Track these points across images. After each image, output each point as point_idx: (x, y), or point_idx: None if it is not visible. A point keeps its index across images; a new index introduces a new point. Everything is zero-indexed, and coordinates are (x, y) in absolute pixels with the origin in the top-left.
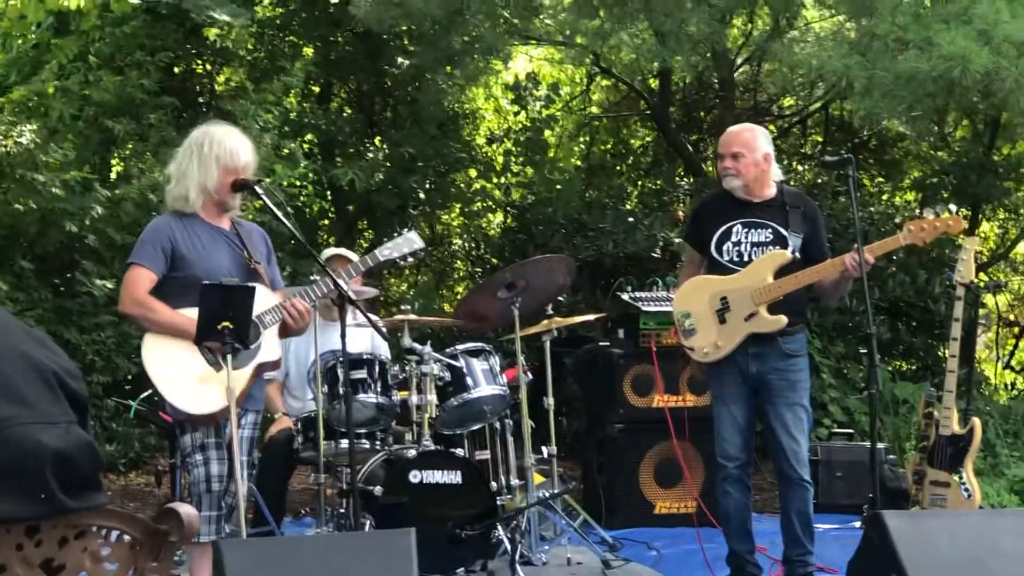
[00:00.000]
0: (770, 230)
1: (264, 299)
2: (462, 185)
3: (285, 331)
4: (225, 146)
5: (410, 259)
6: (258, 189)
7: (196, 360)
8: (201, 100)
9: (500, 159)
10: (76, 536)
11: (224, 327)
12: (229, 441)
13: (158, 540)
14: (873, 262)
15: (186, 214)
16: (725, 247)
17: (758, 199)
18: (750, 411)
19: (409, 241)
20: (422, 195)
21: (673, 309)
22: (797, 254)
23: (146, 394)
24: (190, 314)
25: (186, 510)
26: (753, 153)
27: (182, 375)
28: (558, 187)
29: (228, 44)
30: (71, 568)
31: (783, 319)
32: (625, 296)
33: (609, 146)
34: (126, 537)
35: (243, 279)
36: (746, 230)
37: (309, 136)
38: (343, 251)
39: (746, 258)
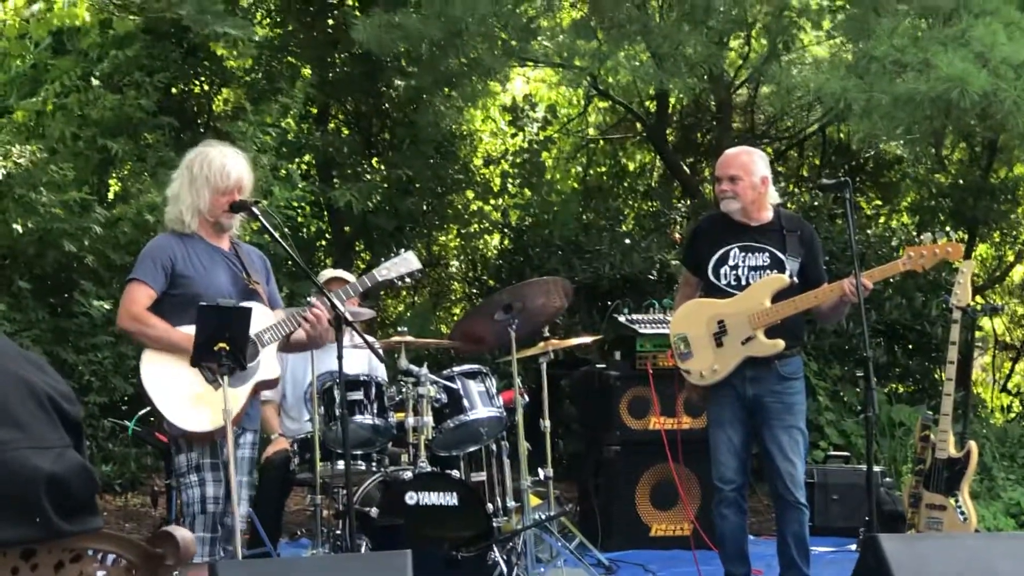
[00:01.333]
0: (767, 254)
1: (262, 317)
2: (459, 207)
3: (294, 345)
4: (215, 166)
5: (407, 280)
6: (255, 210)
7: (194, 377)
8: (199, 121)
9: (497, 181)
10: (72, 560)
11: (221, 348)
12: (226, 461)
13: (154, 564)
14: (871, 287)
15: (186, 234)
16: (722, 271)
17: (755, 222)
18: (746, 434)
19: (406, 262)
20: (419, 216)
21: (670, 332)
22: (795, 278)
23: (143, 412)
24: (188, 331)
25: (182, 533)
26: (751, 176)
27: (179, 392)
28: (555, 209)
29: (233, 61)
30: None
31: (781, 343)
32: (622, 318)
33: (606, 168)
34: (122, 561)
35: (241, 299)
36: (743, 254)
37: (307, 157)
38: (340, 273)
39: (743, 282)
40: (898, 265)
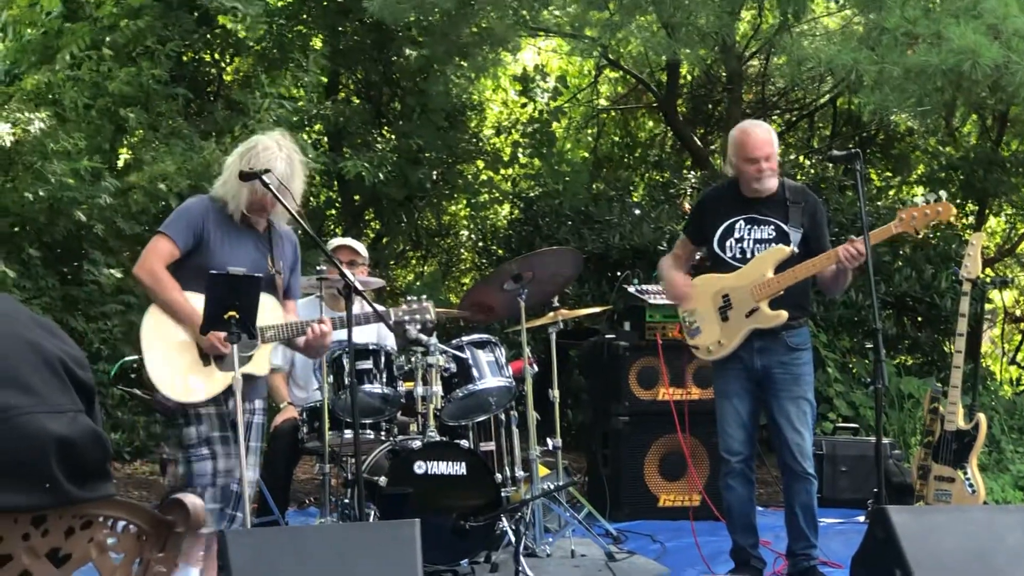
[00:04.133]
0: (772, 226)
1: (271, 312)
2: (469, 176)
3: (301, 350)
4: (260, 163)
5: (418, 327)
6: (265, 179)
7: (189, 348)
8: (210, 90)
9: (507, 151)
10: (82, 526)
11: (230, 316)
12: (232, 434)
13: (164, 531)
14: (863, 252)
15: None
16: (728, 243)
17: (763, 195)
18: (754, 406)
19: (423, 310)
20: (429, 186)
21: (678, 308)
22: (796, 248)
23: (131, 358)
24: (196, 301)
25: (192, 500)
26: (776, 153)
27: (170, 358)
28: (565, 179)
29: (240, 32)
30: (77, 558)
31: (783, 314)
32: (631, 289)
33: (616, 138)
34: (132, 527)
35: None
36: (749, 226)
37: (317, 127)
38: (349, 241)
39: (748, 255)
40: (891, 228)
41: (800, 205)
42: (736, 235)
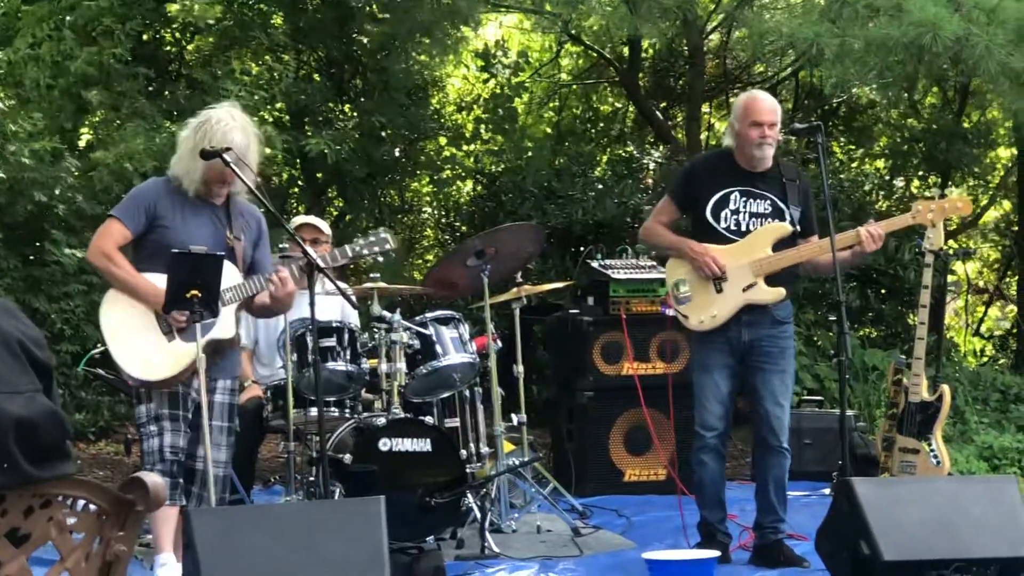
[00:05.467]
0: (768, 202)
1: (229, 276)
2: (432, 153)
3: (265, 310)
4: (216, 138)
5: (379, 258)
6: (227, 157)
7: (150, 326)
8: (172, 69)
9: (470, 127)
10: (42, 506)
11: (193, 295)
12: (195, 410)
13: (124, 509)
14: (882, 235)
15: (182, 186)
16: (723, 214)
17: (759, 168)
18: (734, 381)
19: (382, 240)
20: (392, 163)
21: (667, 275)
22: (797, 227)
23: (98, 351)
24: (153, 279)
25: (152, 479)
26: (779, 126)
27: (133, 338)
28: (528, 155)
29: (194, 14)
30: (37, 538)
31: (782, 291)
32: (595, 263)
33: (579, 113)
34: (92, 507)
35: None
36: (744, 199)
37: (279, 105)
38: (312, 219)
39: (744, 228)
40: (907, 218)
41: (795, 183)
42: (731, 206)
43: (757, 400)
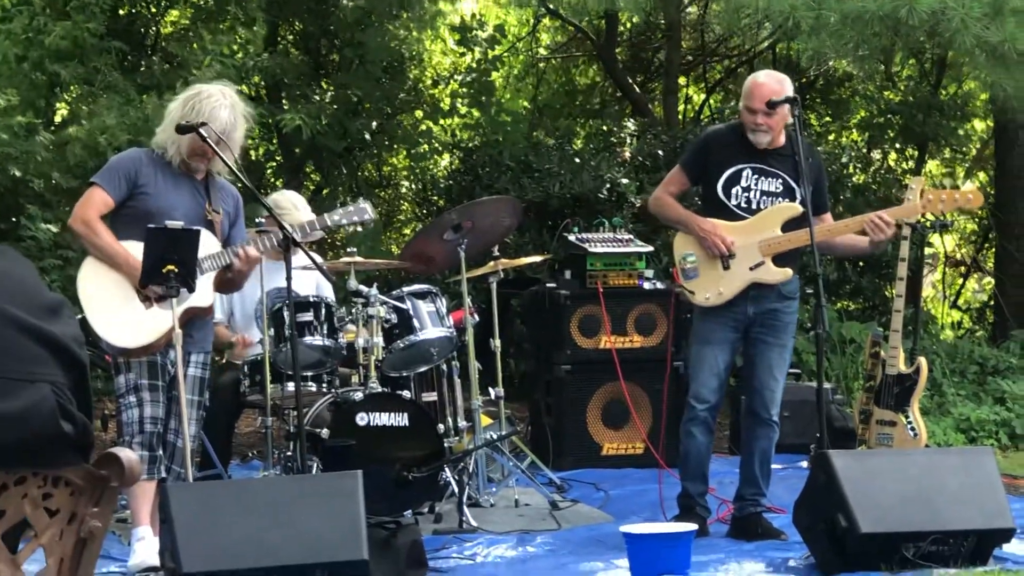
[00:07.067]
0: (780, 180)
1: (207, 245)
2: (408, 127)
3: (227, 284)
4: (204, 113)
5: (359, 228)
6: (202, 132)
7: (127, 293)
8: (147, 43)
9: (447, 101)
10: (16, 482)
11: (169, 271)
12: (171, 382)
13: (99, 485)
14: (891, 224)
15: (163, 157)
16: (734, 191)
17: (770, 146)
18: (732, 356)
19: (361, 211)
20: (368, 137)
21: (674, 249)
22: (808, 207)
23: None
24: (132, 248)
25: (127, 455)
26: (777, 114)
27: (110, 305)
28: (505, 129)
29: None
30: (11, 514)
31: (789, 272)
32: (572, 237)
33: (556, 87)
34: (66, 483)
35: (195, 224)
36: (756, 176)
37: (256, 79)
38: (289, 194)
39: (754, 206)
40: (917, 207)
41: (808, 161)
42: (743, 183)
43: (752, 372)
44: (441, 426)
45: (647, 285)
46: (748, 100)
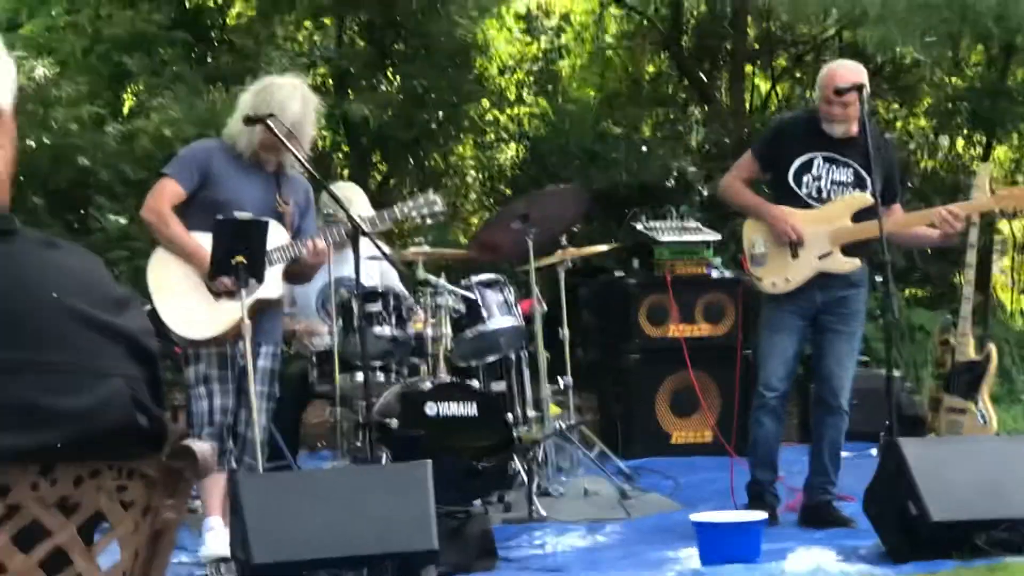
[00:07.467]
0: (851, 170)
1: (278, 237)
2: (475, 117)
3: (295, 276)
4: (274, 106)
5: (428, 220)
6: (269, 123)
7: (197, 285)
8: (214, 35)
9: (513, 90)
10: (91, 475)
11: (238, 262)
12: (241, 374)
13: (173, 477)
14: (961, 218)
15: (236, 147)
16: (805, 179)
17: (845, 136)
18: (801, 344)
19: (431, 203)
20: (435, 127)
21: (744, 235)
22: (878, 198)
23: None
24: (203, 240)
25: (200, 447)
26: (857, 103)
27: (179, 297)
28: (575, 118)
29: None
30: (86, 506)
31: (857, 262)
32: (639, 226)
33: (621, 76)
34: (141, 475)
35: (265, 215)
36: (827, 165)
37: (321, 70)
38: (350, 185)
39: (825, 195)
40: (990, 202)
41: (880, 152)
42: (814, 172)
43: (821, 360)
44: (510, 415)
45: (715, 274)
46: (823, 89)
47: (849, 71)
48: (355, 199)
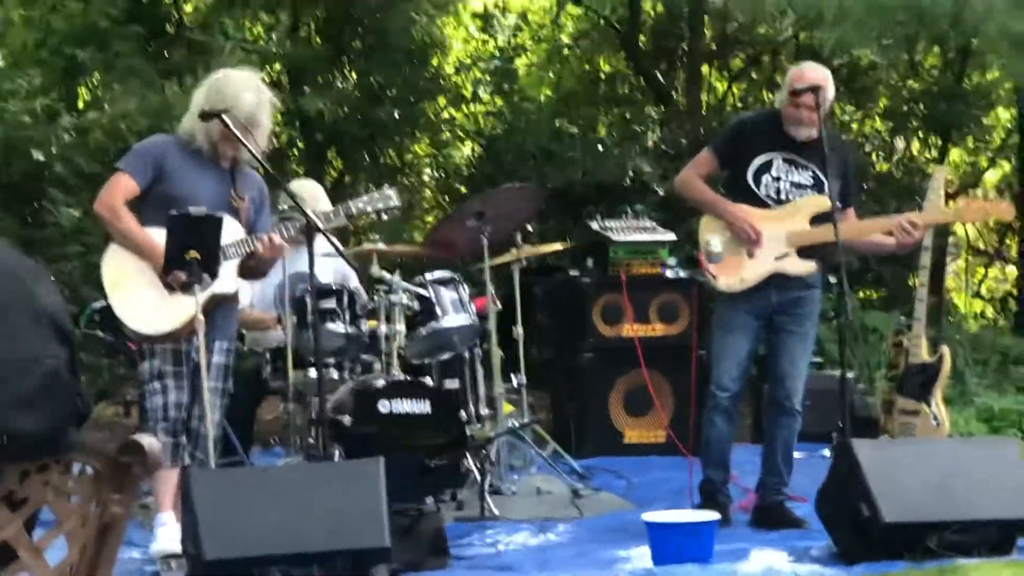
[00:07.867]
0: (810, 173)
1: (234, 232)
2: (431, 114)
3: (251, 272)
4: (228, 99)
5: (383, 215)
6: (225, 119)
7: (151, 280)
8: (168, 29)
9: (469, 88)
10: (38, 470)
11: (192, 257)
12: (194, 370)
13: (121, 473)
14: (920, 228)
15: (190, 143)
16: (764, 179)
17: (806, 139)
18: (755, 344)
19: (386, 198)
20: (391, 124)
21: (700, 231)
22: (838, 203)
23: (98, 305)
24: (156, 234)
25: (149, 442)
26: (827, 103)
27: (134, 292)
28: (530, 116)
29: None
30: (33, 501)
31: (813, 265)
32: (594, 225)
33: (578, 75)
34: (88, 470)
35: (220, 211)
36: (787, 167)
37: (276, 65)
38: (308, 182)
39: (783, 196)
40: (949, 214)
41: (837, 154)
42: (773, 172)
43: (775, 360)
44: (463, 413)
45: (670, 273)
46: (784, 89)
47: (810, 72)
48: (318, 196)
